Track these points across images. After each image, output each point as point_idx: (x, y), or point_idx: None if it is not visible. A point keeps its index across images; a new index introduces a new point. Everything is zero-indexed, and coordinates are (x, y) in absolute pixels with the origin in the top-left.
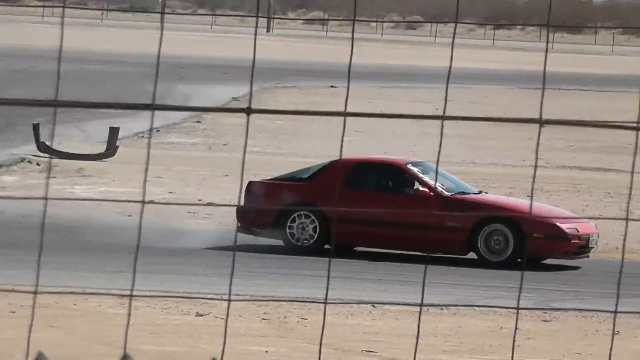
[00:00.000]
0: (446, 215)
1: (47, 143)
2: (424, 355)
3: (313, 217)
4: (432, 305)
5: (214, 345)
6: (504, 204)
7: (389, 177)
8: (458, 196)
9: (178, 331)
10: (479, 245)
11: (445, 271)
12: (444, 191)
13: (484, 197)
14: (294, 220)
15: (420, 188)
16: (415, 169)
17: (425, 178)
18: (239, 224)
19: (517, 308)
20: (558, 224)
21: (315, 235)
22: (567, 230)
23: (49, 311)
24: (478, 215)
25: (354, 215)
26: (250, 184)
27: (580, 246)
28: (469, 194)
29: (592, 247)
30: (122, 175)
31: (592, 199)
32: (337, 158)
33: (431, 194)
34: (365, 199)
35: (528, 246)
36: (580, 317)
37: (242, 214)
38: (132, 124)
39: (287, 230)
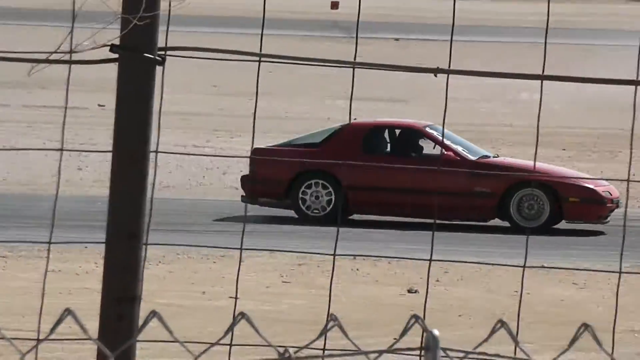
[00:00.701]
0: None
1: None
2: None
3: (328, 186)
4: None
5: None
6: (532, 167)
7: (409, 141)
8: (484, 160)
9: None
10: (511, 211)
11: None
12: (469, 155)
13: (509, 160)
14: (309, 187)
15: (445, 152)
16: (435, 133)
17: (447, 142)
18: (244, 194)
19: None
20: (594, 187)
21: (330, 206)
22: (603, 194)
23: None
24: (512, 179)
25: (372, 183)
26: (255, 150)
27: (611, 210)
28: (489, 157)
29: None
30: None
31: None
32: (346, 122)
33: (457, 158)
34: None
35: (564, 210)
36: None
37: (248, 183)
38: None
39: (300, 198)
